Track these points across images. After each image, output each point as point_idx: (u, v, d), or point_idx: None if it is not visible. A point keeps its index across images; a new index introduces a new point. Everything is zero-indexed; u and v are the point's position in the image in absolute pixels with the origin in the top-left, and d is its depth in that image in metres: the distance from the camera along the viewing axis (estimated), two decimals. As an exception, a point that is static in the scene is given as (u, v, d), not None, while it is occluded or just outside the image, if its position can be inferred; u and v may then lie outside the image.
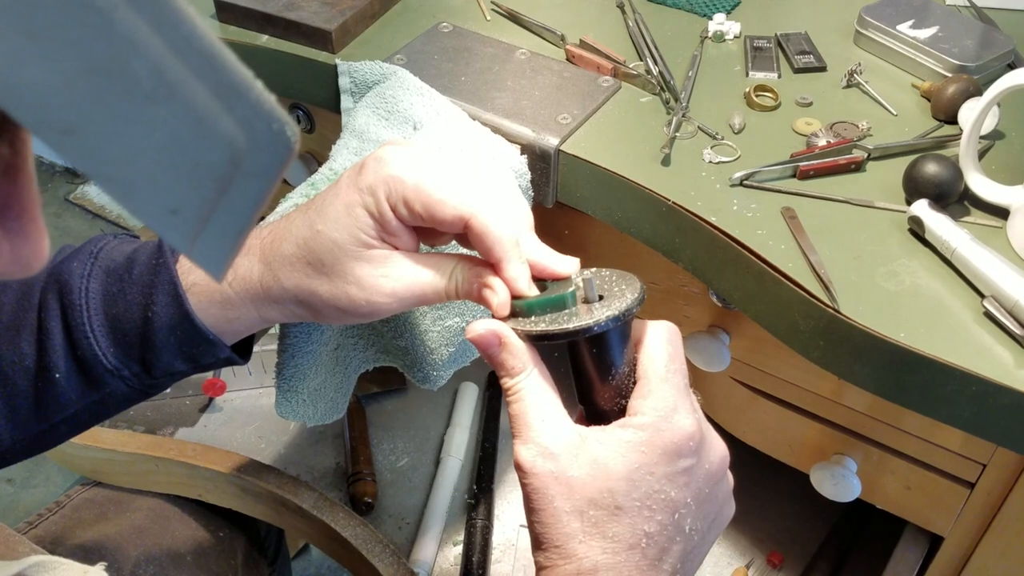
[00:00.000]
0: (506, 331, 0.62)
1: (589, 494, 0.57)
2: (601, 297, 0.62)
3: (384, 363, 0.99)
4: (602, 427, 0.60)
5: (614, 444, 0.58)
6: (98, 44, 0.25)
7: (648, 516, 0.57)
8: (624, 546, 0.57)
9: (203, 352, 0.74)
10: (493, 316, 0.63)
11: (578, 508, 0.57)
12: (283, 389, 0.90)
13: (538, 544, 0.59)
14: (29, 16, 0.24)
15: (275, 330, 0.90)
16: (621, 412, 0.61)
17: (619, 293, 0.61)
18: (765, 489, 1.20)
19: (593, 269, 0.66)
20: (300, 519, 1.11)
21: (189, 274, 0.72)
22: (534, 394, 0.61)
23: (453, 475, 1.23)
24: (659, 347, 0.61)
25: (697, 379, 1.03)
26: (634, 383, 0.62)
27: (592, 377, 0.62)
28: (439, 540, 1.16)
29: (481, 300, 0.65)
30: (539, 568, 0.59)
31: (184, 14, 0.28)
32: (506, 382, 0.62)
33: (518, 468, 0.59)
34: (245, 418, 1.29)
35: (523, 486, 0.59)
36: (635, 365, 0.62)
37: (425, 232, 0.69)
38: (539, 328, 0.60)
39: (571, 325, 0.59)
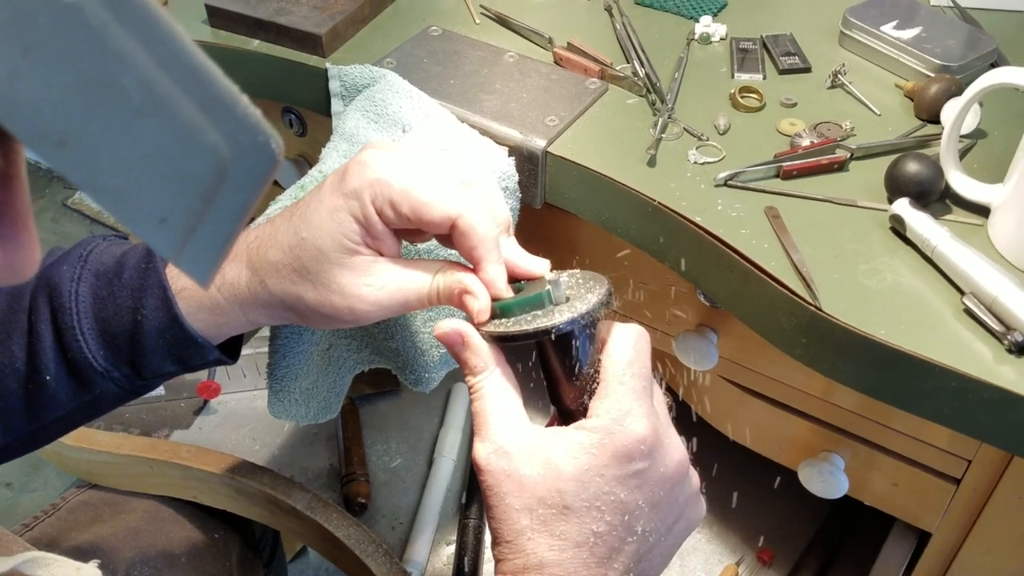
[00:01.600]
0: (470, 331, 0.64)
1: (539, 493, 0.59)
2: (568, 299, 0.63)
3: (377, 364, 1.00)
4: (561, 428, 0.61)
5: (567, 445, 0.59)
6: (90, 60, 0.26)
7: (597, 517, 0.58)
8: (571, 544, 0.58)
9: (192, 354, 0.75)
10: (473, 321, 0.65)
11: (528, 506, 0.59)
12: (275, 389, 0.91)
13: (494, 538, 0.61)
14: (24, 33, 0.25)
15: (266, 331, 0.91)
16: (586, 413, 0.63)
17: (584, 295, 0.63)
18: (754, 487, 1.21)
19: (569, 271, 0.67)
20: (294, 520, 1.12)
21: (178, 279, 0.73)
22: (494, 393, 0.63)
23: (446, 475, 1.24)
24: (621, 350, 0.62)
25: (685, 378, 1.04)
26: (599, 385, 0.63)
27: (557, 378, 0.64)
28: (432, 540, 1.17)
29: (461, 306, 0.66)
30: (496, 561, 0.61)
31: (172, 31, 0.29)
32: (469, 380, 0.64)
33: (475, 465, 0.62)
34: (239, 420, 1.30)
35: (480, 483, 0.62)
36: (600, 367, 0.63)
37: (405, 231, 0.70)
38: (500, 329, 0.62)
39: (530, 327, 0.60)
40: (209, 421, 1.29)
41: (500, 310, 0.64)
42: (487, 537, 1.18)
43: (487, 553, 1.17)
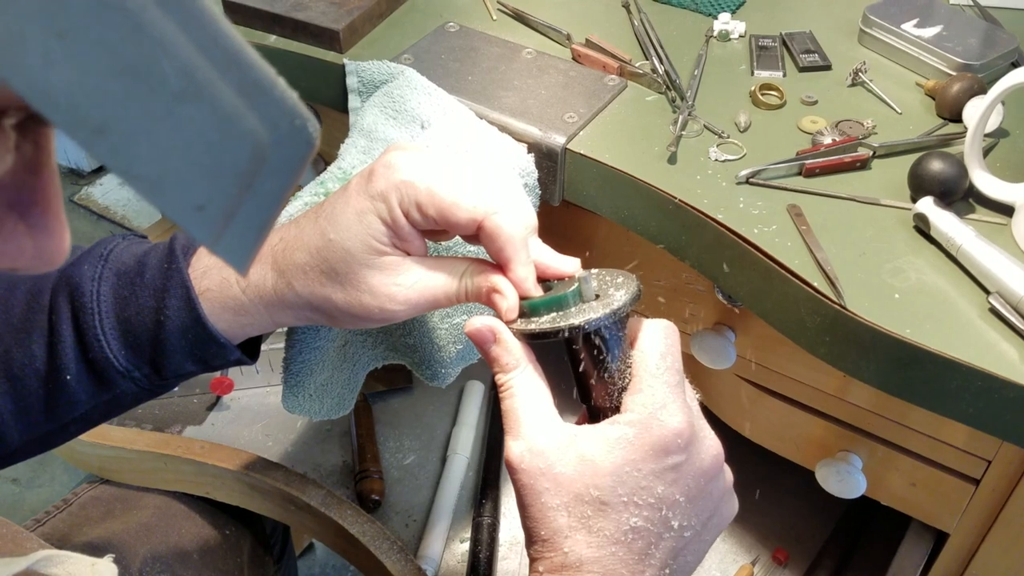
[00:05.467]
0: (501, 328, 0.63)
1: (575, 490, 0.58)
2: (598, 296, 0.63)
3: (392, 360, 1.00)
4: (594, 424, 0.61)
5: (601, 441, 0.59)
6: (128, 45, 0.26)
7: (634, 512, 0.58)
8: (609, 540, 0.58)
9: (214, 355, 0.74)
10: (502, 320, 0.64)
11: (565, 504, 0.58)
12: (290, 384, 0.91)
13: (529, 538, 0.61)
14: (61, 17, 0.24)
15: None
16: (617, 410, 0.62)
17: (614, 292, 0.62)
18: (770, 486, 1.20)
19: (595, 270, 0.67)
20: (308, 516, 1.11)
21: (202, 279, 0.72)
22: (525, 391, 0.62)
23: (460, 473, 1.23)
24: (652, 345, 0.62)
25: (703, 377, 1.03)
26: (630, 380, 0.63)
27: (588, 375, 0.64)
28: (446, 537, 1.17)
29: (490, 303, 0.66)
30: (531, 560, 0.61)
31: (210, 15, 0.28)
32: (499, 378, 0.63)
33: (508, 464, 0.61)
34: (252, 416, 1.29)
35: (513, 482, 0.61)
36: (631, 363, 0.63)
37: (430, 231, 0.70)
38: (530, 327, 0.62)
39: (561, 324, 0.60)
40: (222, 417, 1.29)
41: (529, 308, 0.64)
42: (501, 535, 1.18)
43: (501, 551, 1.16)
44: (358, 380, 1.00)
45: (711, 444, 0.62)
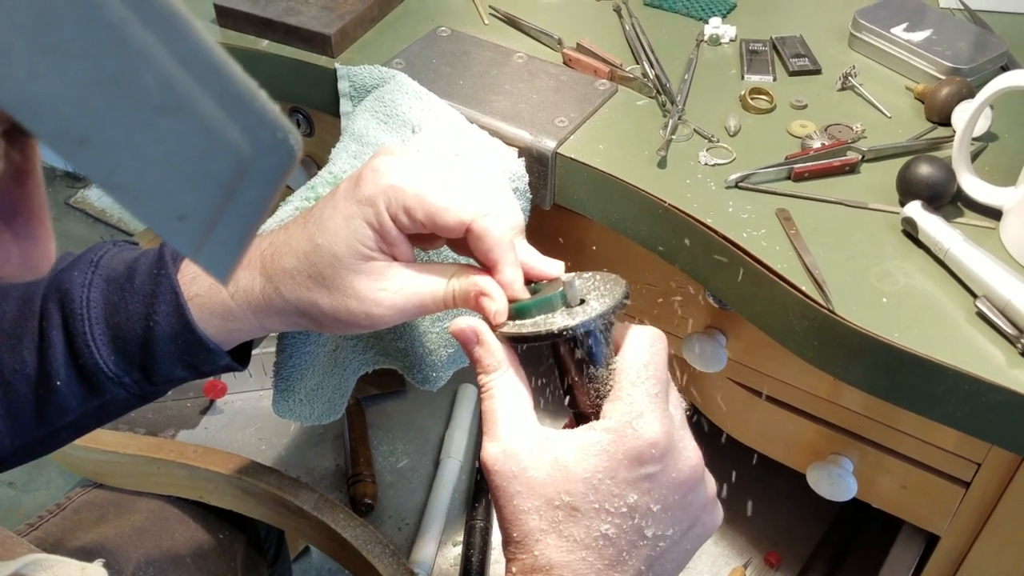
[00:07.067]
0: (484, 329, 0.64)
1: (547, 494, 0.59)
2: (583, 301, 0.63)
3: (383, 365, 1.00)
4: (571, 430, 0.61)
5: (576, 447, 0.59)
6: (110, 58, 0.26)
7: (605, 519, 0.58)
8: (579, 546, 0.58)
9: (204, 360, 0.75)
10: (491, 323, 0.64)
11: (536, 507, 0.59)
12: (280, 388, 0.91)
13: (504, 538, 0.61)
14: (45, 31, 0.25)
15: (274, 332, 0.91)
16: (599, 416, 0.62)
17: (600, 297, 0.62)
18: (762, 489, 1.20)
19: (586, 273, 0.67)
20: (301, 520, 1.11)
21: (191, 285, 0.73)
22: (505, 393, 0.62)
23: (452, 476, 1.23)
24: (636, 352, 0.62)
25: (694, 380, 1.04)
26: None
27: (572, 380, 0.64)
28: (439, 541, 1.17)
29: (478, 308, 0.66)
30: (506, 560, 0.61)
31: (191, 28, 0.28)
32: (481, 379, 0.64)
33: (483, 465, 0.61)
34: (246, 420, 1.30)
35: (488, 483, 0.61)
36: (615, 369, 0.63)
37: (418, 237, 0.70)
38: (514, 330, 0.62)
39: (544, 328, 0.60)
40: (215, 421, 1.29)
41: (515, 311, 0.64)
42: (494, 538, 1.18)
43: (494, 554, 1.16)
44: (349, 385, 1.00)
45: (690, 455, 0.61)
